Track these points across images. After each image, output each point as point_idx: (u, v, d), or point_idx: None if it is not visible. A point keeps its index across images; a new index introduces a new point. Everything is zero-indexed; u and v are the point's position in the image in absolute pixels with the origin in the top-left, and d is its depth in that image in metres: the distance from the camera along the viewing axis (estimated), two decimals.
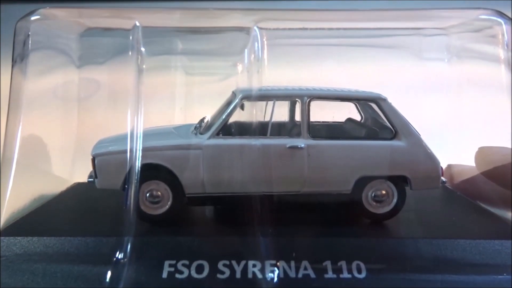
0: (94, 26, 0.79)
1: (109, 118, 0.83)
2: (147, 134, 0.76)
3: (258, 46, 0.71)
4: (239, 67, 0.74)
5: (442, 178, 0.78)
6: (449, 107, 0.84)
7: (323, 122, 0.84)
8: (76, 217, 0.79)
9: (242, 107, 0.78)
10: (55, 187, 0.89)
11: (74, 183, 0.91)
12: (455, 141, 0.85)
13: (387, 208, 0.78)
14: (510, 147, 0.75)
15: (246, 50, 0.71)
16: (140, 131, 0.70)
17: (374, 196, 0.78)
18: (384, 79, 0.82)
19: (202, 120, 0.82)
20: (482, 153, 0.86)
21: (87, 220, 0.76)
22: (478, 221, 0.79)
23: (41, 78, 0.76)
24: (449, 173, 0.93)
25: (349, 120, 0.88)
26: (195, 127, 0.81)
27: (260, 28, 0.71)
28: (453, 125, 0.85)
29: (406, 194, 0.78)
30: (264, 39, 0.71)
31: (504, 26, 0.73)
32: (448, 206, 0.88)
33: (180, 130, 0.82)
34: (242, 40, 0.72)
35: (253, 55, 0.71)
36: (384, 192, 0.78)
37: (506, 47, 0.73)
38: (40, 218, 0.77)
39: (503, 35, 0.73)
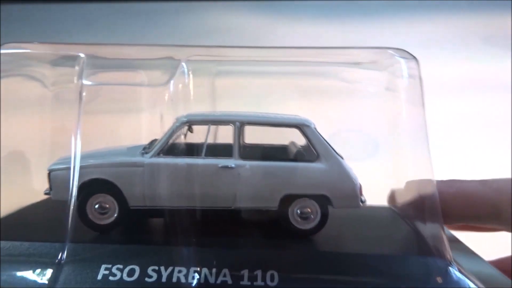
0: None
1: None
2: (100, 153, 0.89)
3: (185, 76, 0.81)
4: (166, 96, 0.83)
5: (362, 197, 0.86)
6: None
7: (257, 144, 0.93)
8: (31, 224, 0.89)
9: (191, 130, 0.88)
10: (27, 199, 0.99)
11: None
12: None
13: (312, 224, 0.86)
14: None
15: (172, 81, 0.81)
16: (78, 151, 0.80)
17: (300, 213, 0.86)
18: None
19: (152, 142, 0.92)
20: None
21: (39, 228, 0.86)
22: (404, 239, 0.86)
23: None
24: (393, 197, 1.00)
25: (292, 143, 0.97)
26: (144, 147, 0.90)
27: (187, 60, 0.81)
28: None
29: (328, 211, 0.85)
30: (190, 73, 0.81)
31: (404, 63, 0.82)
32: (378, 223, 0.95)
33: (132, 149, 0.92)
34: (169, 71, 0.82)
35: (180, 85, 0.80)
36: (308, 209, 0.86)
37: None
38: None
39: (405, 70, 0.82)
